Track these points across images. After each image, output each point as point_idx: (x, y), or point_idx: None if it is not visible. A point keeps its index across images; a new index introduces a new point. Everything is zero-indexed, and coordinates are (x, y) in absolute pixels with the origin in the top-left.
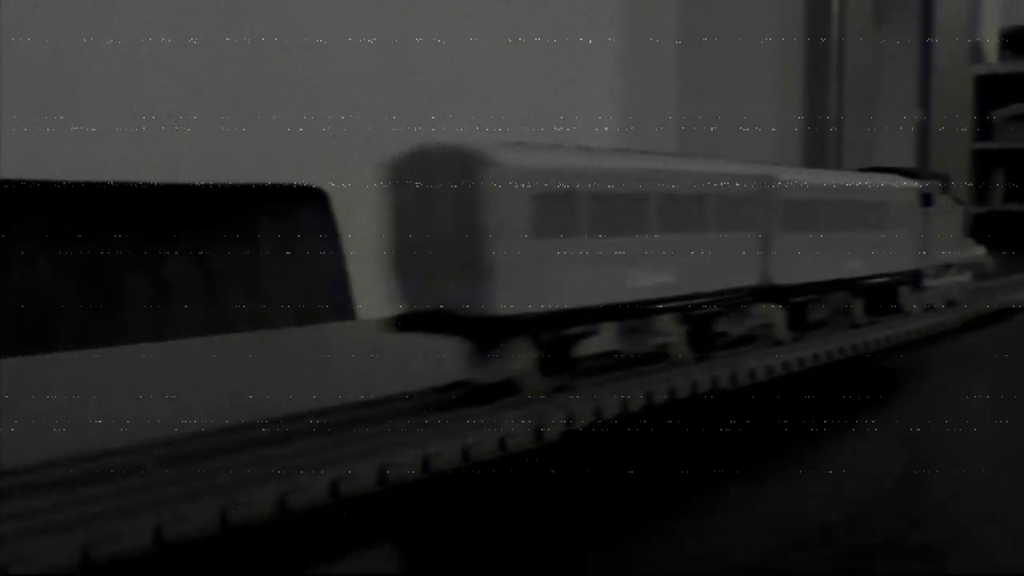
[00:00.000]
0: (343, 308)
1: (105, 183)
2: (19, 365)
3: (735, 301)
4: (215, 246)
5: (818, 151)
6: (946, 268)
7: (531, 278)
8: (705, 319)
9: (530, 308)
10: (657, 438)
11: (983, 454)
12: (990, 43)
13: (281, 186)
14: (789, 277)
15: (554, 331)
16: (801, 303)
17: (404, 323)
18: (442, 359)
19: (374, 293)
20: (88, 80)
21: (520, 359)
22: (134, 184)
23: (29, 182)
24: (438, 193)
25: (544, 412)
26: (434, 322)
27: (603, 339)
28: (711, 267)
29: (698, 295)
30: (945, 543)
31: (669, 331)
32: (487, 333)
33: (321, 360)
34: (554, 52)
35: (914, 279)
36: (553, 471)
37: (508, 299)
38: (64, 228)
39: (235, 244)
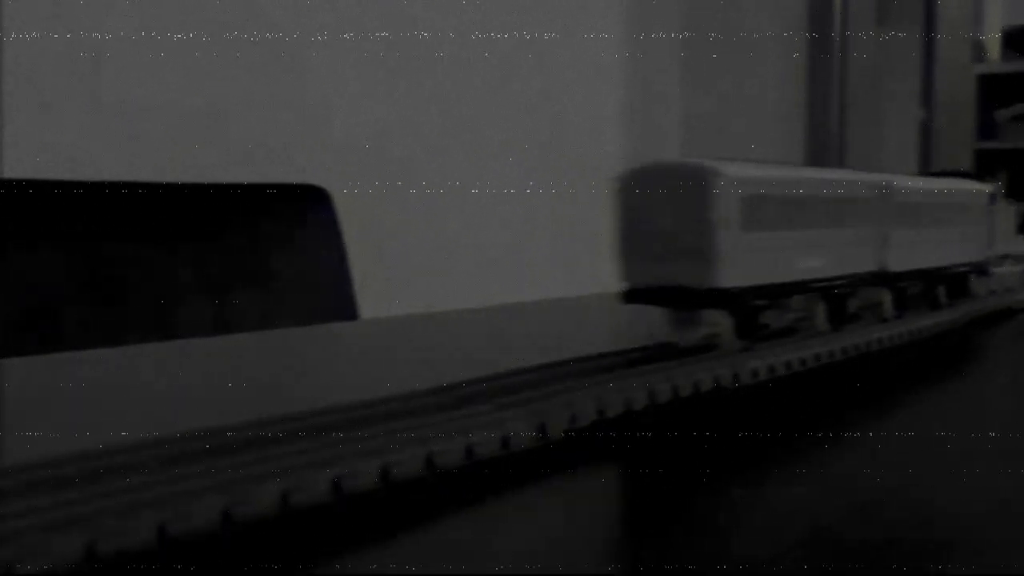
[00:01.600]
0: (346, 308)
1: (107, 183)
2: (20, 365)
3: (859, 283)
4: (218, 246)
5: (821, 149)
6: (1004, 258)
7: (739, 260)
8: (840, 297)
9: (738, 283)
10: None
11: (989, 452)
12: (993, 42)
13: (284, 185)
14: (899, 265)
15: (747, 302)
16: (903, 287)
17: (630, 296)
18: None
19: (374, 293)
20: (89, 79)
21: (721, 325)
22: (136, 184)
23: (30, 182)
24: (670, 197)
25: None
26: (655, 295)
27: (770, 313)
28: (846, 255)
29: (837, 278)
30: (947, 542)
31: (812, 308)
32: (707, 302)
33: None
34: (557, 50)
35: (982, 268)
36: (556, 468)
37: (726, 276)
38: (65, 228)
39: (238, 244)
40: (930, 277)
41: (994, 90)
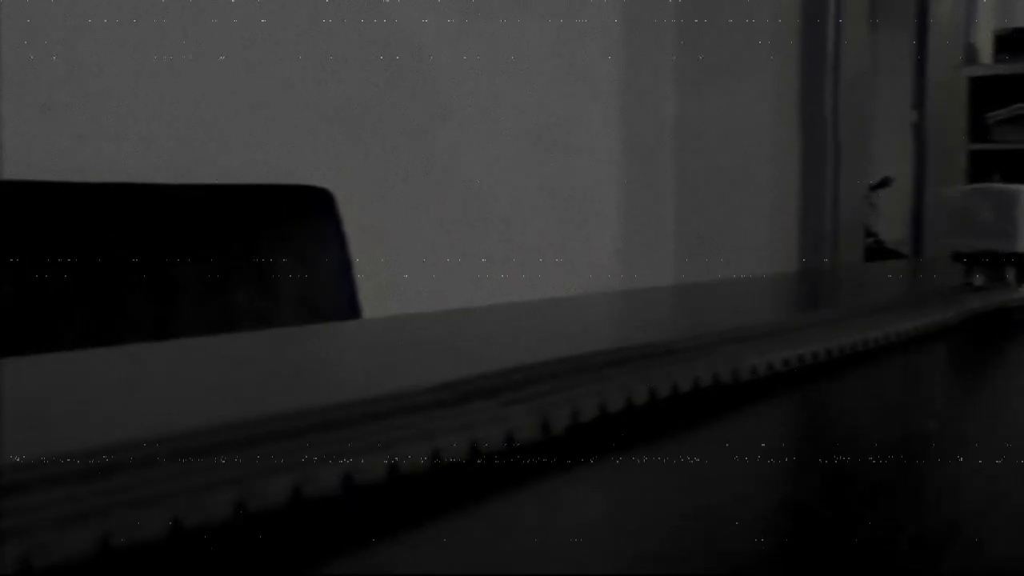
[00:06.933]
0: (349, 309)
1: (108, 184)
2: (22, 364)
3: None
4: (220, 247)
5: (816, 151)
6: None
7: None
8: None
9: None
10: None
11: (983, 442)
12: (984, 45)
13: (287, 186)
14: None
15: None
16: None
17: (956, 256)
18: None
19: (378, 294)
20: (91, 79)
21: (1008, 274)
22: (138, 185)
23: (31, 183)
24: (991, 203)
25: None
26: (974, 257)
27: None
28: None
29: None
30: (943, 537)
31: None
32: (1006, 261)
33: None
34: (556, 53)
35: None
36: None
37: (1021, 244)
38: (67, 229)
39: (240, 245)
40: None
41: (986, 92)
